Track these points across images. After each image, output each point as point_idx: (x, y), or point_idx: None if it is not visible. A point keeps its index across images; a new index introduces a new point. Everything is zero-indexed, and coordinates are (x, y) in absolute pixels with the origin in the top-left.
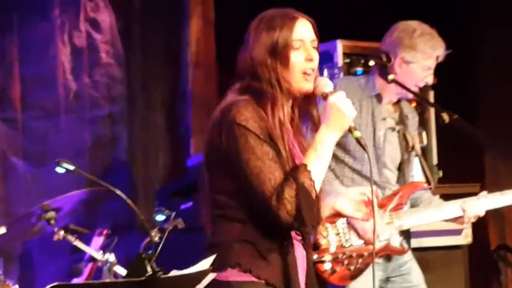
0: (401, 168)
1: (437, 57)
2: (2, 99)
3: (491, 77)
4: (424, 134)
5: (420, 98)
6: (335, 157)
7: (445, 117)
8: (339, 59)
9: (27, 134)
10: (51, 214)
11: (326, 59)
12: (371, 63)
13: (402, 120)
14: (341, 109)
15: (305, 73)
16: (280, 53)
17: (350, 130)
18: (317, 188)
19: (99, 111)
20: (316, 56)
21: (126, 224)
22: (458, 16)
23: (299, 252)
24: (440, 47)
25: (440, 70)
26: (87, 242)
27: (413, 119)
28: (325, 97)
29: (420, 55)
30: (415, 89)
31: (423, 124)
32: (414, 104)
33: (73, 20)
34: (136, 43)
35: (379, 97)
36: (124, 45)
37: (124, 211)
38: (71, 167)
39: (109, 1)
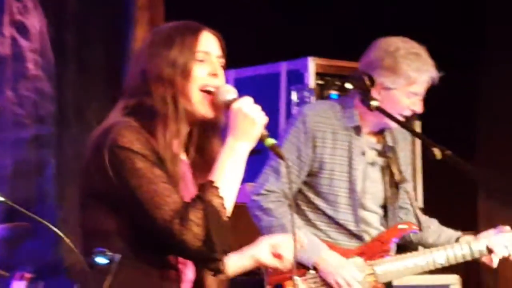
0: (386, 207)
1: (426, 81)
2: None
3: (495, 103)
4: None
5: (407, 129)
6: (306, 199)
7: (437, 152)
8: (311, 80)
9: None
10: None
11: (295, 80)
12: (348, 85)
13: (385, 152)
14: (249, 115)
15: (205, 90)
16: (181, 65)
17: (262, 138)
18: (229, 208)
19: (23, 132)
20: (222, 74)
21: (52, 267)
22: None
23: None
24: (427, 70)
25: (429, 96)
26: (6, 287)
27: (404, 141)
28: (228, 105)
29: (403, 81)
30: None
31: None
32: None
33: None
34: (70, 53)
35: (357, 129)
36: (56, 55)
37: (50, 251)
38: (1, 198)
39: (40, 3)
